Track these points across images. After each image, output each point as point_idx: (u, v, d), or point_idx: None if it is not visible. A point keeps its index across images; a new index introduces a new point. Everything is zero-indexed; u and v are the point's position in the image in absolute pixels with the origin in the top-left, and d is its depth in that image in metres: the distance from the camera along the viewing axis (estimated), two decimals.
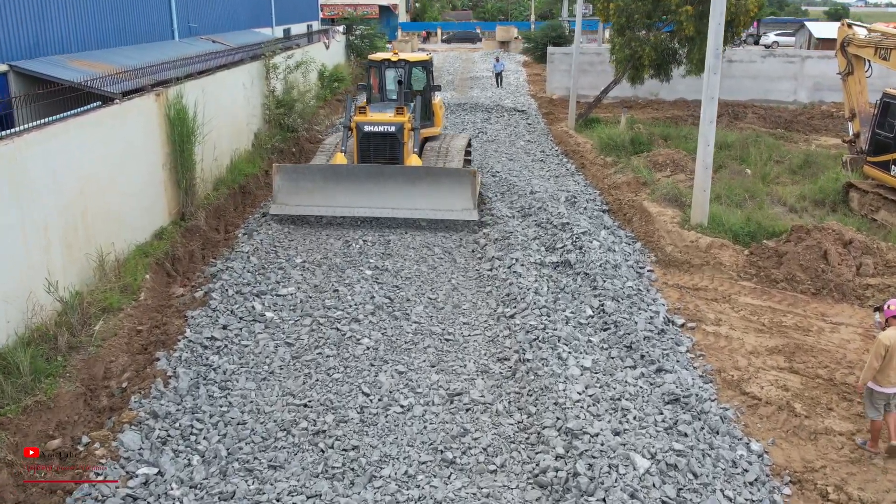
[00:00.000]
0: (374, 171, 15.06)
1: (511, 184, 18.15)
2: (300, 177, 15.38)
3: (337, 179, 15.09)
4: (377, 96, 18.04)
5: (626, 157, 20.65)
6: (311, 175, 15.36)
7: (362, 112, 15.91)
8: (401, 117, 15.72)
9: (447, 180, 14.83)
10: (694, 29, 24.24)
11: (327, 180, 15.14)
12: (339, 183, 15.08)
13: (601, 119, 27.59)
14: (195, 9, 23.53)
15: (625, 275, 12.13)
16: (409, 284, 12.23)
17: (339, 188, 15.06)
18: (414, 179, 14.88)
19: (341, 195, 15.02)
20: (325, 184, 15.15)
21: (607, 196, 17.57)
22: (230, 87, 19.09)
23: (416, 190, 14.79)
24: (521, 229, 14.16)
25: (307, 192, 15.21)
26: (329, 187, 15.11)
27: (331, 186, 15.09)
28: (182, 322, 10.73)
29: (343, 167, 15.46)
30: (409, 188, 14.82)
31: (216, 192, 16.95)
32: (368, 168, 15.23)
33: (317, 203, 15.14)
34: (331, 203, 15.09)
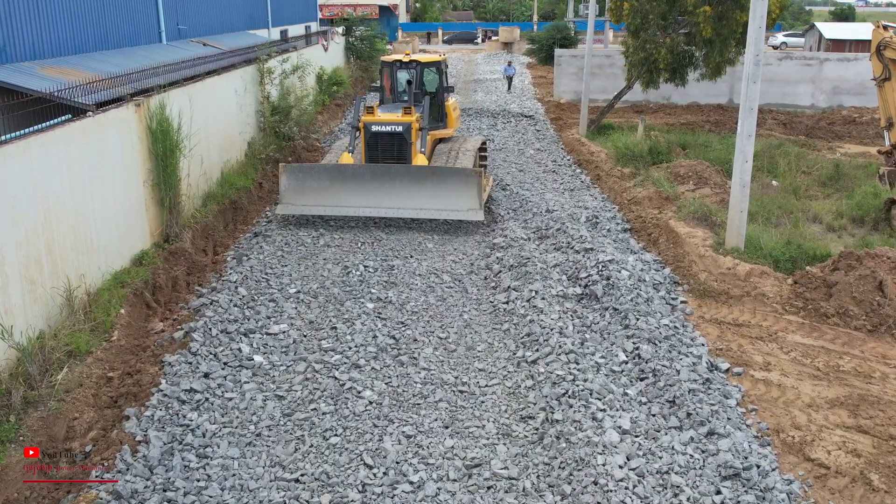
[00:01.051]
0: (380, 170, 14.99)
1: (523, 199, 16.82)
2: (306, 176, 15.38)
3: (343, 179, 15.07)
4: (389, 97, 17.89)
5: (644, 169, 19.34)
6: (317, 175, 15.36)
7: (370, 112, 15.87)
8: (408, 117, 15.61)
9: (453, 180, 14.68)
10: (712, 31, 22.95)
11: (333, 180, 15.13)
12: (344, 182, 15.03)
13: (614, 125, 26.25)
14: (185, 10, 22.16)
15: (658, 310, 10.79)
16: (415, 320, 10.89)
17: (345, 188, 15.01)
18: (420, 179, 14.77)
19: (347, 195, 14.98)
20: (331, 183, 15.12)
21: (627, 213, 16.24)
22: (221, 93, 17.77)
23: (422, 190, 14.69)
24: (539, 254, 12.82)
25: (313, 191, 15.22)
26: (335, 187, 15.08)
27: (336, 186, 15.06)
28: (157, 370, 9.38)
29: (349, 167, 15.42)
30: (415, 188, 14.72)
31: (204, 209, 15.62)
32: (374, 168, 15.14)
33: (323, 203, 15.15)
34: (337, 203, 15.08)
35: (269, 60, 21.23)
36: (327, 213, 15.25)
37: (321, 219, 15.62)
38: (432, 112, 17.18)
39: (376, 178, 14.92)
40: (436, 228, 15.11)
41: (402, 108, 15.86)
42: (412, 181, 14.79)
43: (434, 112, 17.27)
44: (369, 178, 14.96)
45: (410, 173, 14.93)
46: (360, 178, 15.01)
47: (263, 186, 18.78)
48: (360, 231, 14.81)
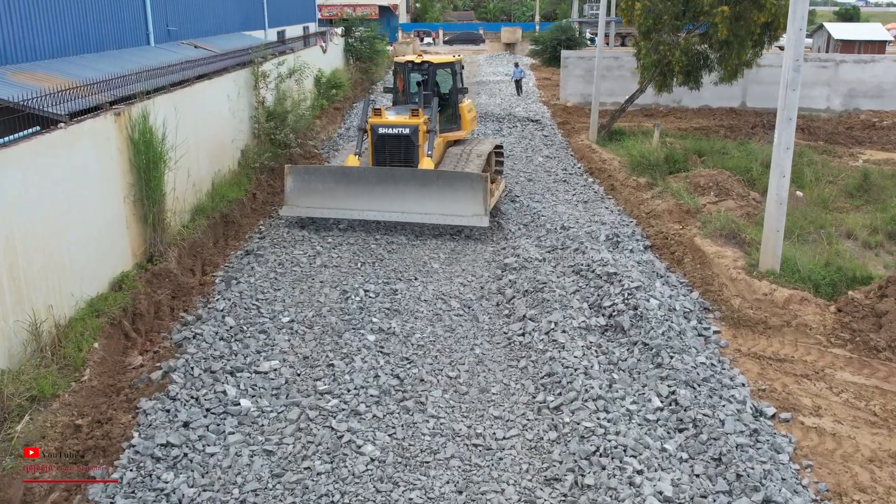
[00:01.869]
0: (385, 173, 14.81)
1: (535, 212, 15.73)
2: (311, 178, 15.20)
3: (348, 182, 14.87)
4: (402, 99, 17.65)
5: (661, 178, 18.24)
6: (322, 177, 15.17)
7: (378, 114, 15.66)
8: (416, 119, 15.38)
9: (459, 185, 14.38)
10: (729, 32, 21.86)
11: (338, 182, 14.94)
12: (349, 185, 14.84)
13: (625, 131, 25.15)
14: (175, 10, 21.04)
15: (692, 344, 9.69)
16: (422, 355, 9.78)
17: (350, 190, 14.81)
18: (425, 183, 14.50)
19: (352, 198, 14.79)
20: (336, 186, 14.92)
21: (646, 227, 15.15)
22: (212, 99, 16.68)
23: (428, 194, 14.44)
24: (557, 278, 11.71)
25: (318, 193, 15.03)
26: (340, 189, 14.87)
27: (342, 188, 14.86)
28: (131, 419, 8.28)
29: (354, 169, 15.20)
30: (421, 192, 14.47)
31: (193, 224, 14.53)
32: (379, 171, 15.00)
33: (328, 205, 14.94)
34: (341, 205, 14.86)
35: (264, 63, 20.14)
36: (332, 215, 14.97)
37: (318, 235, 14.55)
38: (445, 114, 17.07)
39: (381, 181, 14.67)
40: (442, 246, 14.02)
41: (410, 111, 15.59)
42: (417, 185, 14.49)
43: (447, 114, 17.14)
44: (374, 181, 14.72)
45: (416, 177, 14.60)
46: (365, 180, 14.77)
47: (257, 197, 17.69)
48: (361, 249, 13.72)
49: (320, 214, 15.09)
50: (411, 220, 14.54)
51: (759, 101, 30.87)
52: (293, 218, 15.31)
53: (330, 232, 14.69)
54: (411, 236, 14.42)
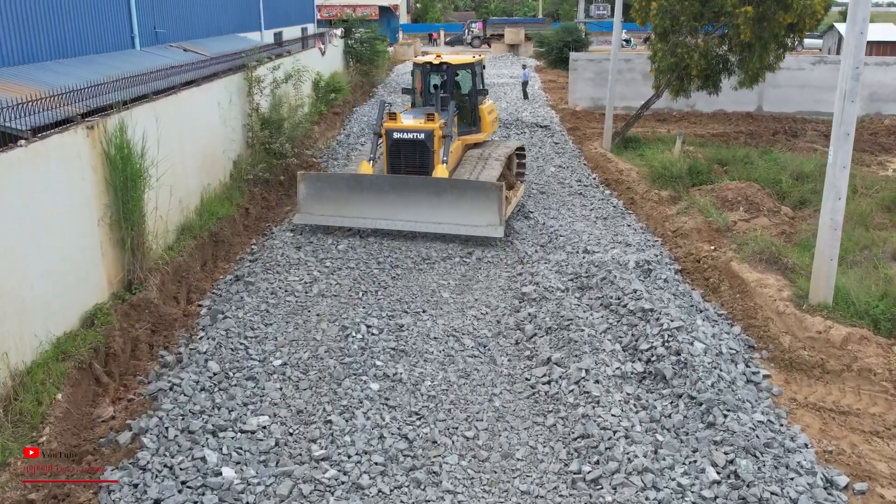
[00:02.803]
0: (399, 181, 14.56)
1: (552, 231, 14.44)
2: (324, 186, 14.94)
3: (361, 189, 14.58)
4: (421, 101, 17.42)
5: (684, 191, 16.96)
6: (335, 184, 14.90)
7: (393, 117, 15.29)
8: (431, 124, 14.97)
9: (473, 194, 14.06)
10: (752, 34, 20.59)
11: (351, 190, 14.63)
12: (362, 193, 14.56)
13: (640, 138, 23.86)
14: (163, 10, 19.72)
15: (746, 397, 8.41)
16: (433, 408, 8.51)
17: (363, 199, 14.56)
18: (439, 191, 14.20)
19: (365, 206, 14.52)
20: (349, 194, 14.64)
21: (673, 247, 13.88)
22: (201, 107, 15.42)
23: (442, 203, 14.13)
24: (583, 313, 10.42)
25: (331, 201, 14.75)
26: (353, 197, 14.61)
27: (354, 196, 14.60)
28: (91, 497, 7.00)
29: (367, 177, 14.87)
30: (434, 201, 14.17)
31: (178, 245, 13.27)
32: (392, 178, 14.75)
33: (340, 213, 14.71)
34: (354, 214, 14.62)
35: (258, 67, 18.87)
36: (344, 223, 14.68)
37: (315, 258, 13.28)
38: (465, 116, 16.74)
39: (395, 189, 14.38)
40: (451, 271, 12.75)
41: (426, 115, 15.16)
42: (431, 194, 14.18)
43: (467, 116, 16.81)
44: (387, 189, 14.42)
45: (429, 186, 14.28)
46: (378, 188, 14.48)
47: (250, 213, 16.42)
48: (362, 275, 12.44)
49: (333, 222, 14.70)
50: (425, 229, 14.16)
51: (775, 106, 29.61)
52: (306, 225, 14.94)
53: (328, 254, 13.42)
54: (417, 259, 13.14)
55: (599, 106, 30.92)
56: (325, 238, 14.27)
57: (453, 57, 17.40)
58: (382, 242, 13.99)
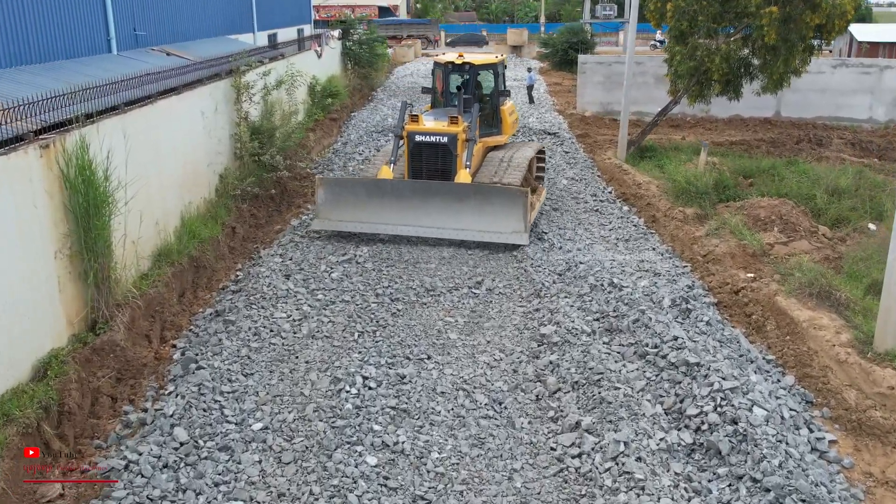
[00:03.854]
0: (420, 187, 14.20)
1: (569, 256, 13.01)
2: (343, 191, 14.52)
3: (381, 195, 14.20)
4: (441, 101, 17.05)
5: (710, 208, 15.54)
6: (354, 189, 14.46)
7: (415, 119, 14.86)
8: (454, 127, 14.56)
9: (498, 200, 13.73)
10: (778, 36, 19.17)
11: (371, 195, 14.26)
12: (383, 198, 14.18)
13: (656, 147, 22.44)
14: (144, 11, 18.24)
15: (820, 477, 6.96)
16: (442, 492, 7.08)
17: (384, 204, 14.16)
18: (462, 197, 13.87)
19: (385, 212, 14.13)
20: (369, 199, 14.26)
21: (705, 275, 12.47)
22: (182, 117, 14.02)
23: (465, 209, 13.83)
24: (615, 364, 8.98)
25: (350, 206, 14.34)
26: (373, 203, 14.23)
27: (375, 202, 14.22)
28: None
29: (388, 182, 14.43)
30: (457, 207, 13.85)
31: (154, 274, 11.86)
32: (413, 184, 14.37)
33: (360, 219, 14.29)
34: (374, 220, 14.21)
35: (248, 72, 17.45)
36: (364, 229, 14.26)
37: (306, 288, 11.86)
38: (485, 117, 16.38)
39: (416, 194, 14.06)
40: (459, 304, 11.33)
41: (449, 117, 14.72)
42: (454, 199, 13.83)
43: (488, 117, 16.45)
44: (409, 194, 14.09)
45: (452, 191, 13.93)
46: (400, 194, 14.12)
47: (237, 233, 15.00)
48: (358, 310, 11.01)
49: (353, 228, 14.28)
50: (447, 236, 13.80)
51: (795, 111, 28.16)
52: (325, 231, 14.52)
53: (321, 284, 12.00)
54: (421, 290, 11.71)
55: (609, 111, 29.55)
56: (316, 264, 12.84)
57: (476, 56, 16.95)
58: (381, 270, 12.57)
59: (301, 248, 13.81)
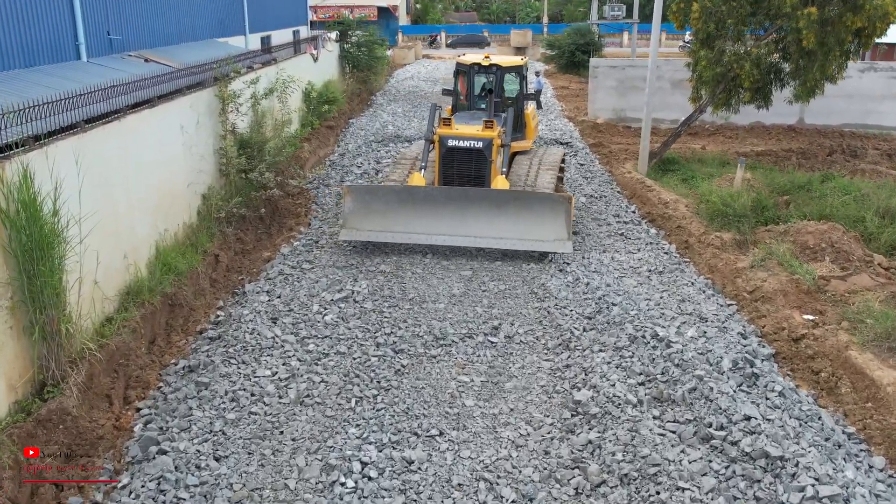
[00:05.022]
0: (457, 194, 13.52)
1: (598, 294, 11.34)
2: (373, 199, 13.81)
3: (414, 203, 13.54)
4: (464, 104, 16.38)
5: (750, 233, 13.92)
6: (385, 197, 13.76)
7: (447, 124, 14.27)
8: (489, 132, 14.05)
9: (538, 207, 13.31)
10: (816, 40, 17.54)
11: (403, 203, 13.58)
12: (416, 206, 13.53)
13: (678, 159, 20.80)
14: (120, 12, 16.55)
15: None
16: None
17: (416, 212, 13.51)
18: (501, 204, 13.35)
19: (418, 220, 13.46)
20: (401, 207, 13.56)
21: (755, 316, 10.84)
22: (157, 133, 12.41)
23: (503, 216, 13.33)
24: (673, 450, 7.30)
25: (380, 215, 13.62)
26: (405, 211, 13.54)
27: (407, 210, 13.54)
28: None
29: (421, 189, 13.79)
30: (495, 214, 13.33)
31: (121, 317, 10.23)
32: (449, 191, 13.65)
33: (391, 228, 13.55)
34: (406, 229, 13.50)
35: (234, 80, 15.82)
36: (396, 239, 13.50)
37: (295, 336, 10.20)
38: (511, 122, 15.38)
39: (452, 201, 13.44)
40: (474, 357, 9.69)
41: (484, 121, 14.24)
42: (493, 207, 13.30)
43: (513, 122, 15.44)
44: (444, 201, 13.43)
45: (491, 198, 13.36)
46: (434, 201, 13.47)
47: (220, 262, 13.36)
48: (357, 365, 9.35)
49: (383, 238, 13.53)
50: (486, 245, 13.27)
51: (820, 118, 26.50)
52: (352, 242, 13.78)
53: (312, 329, 10.35)
54: (429, 338, 10.06)
55: (623, 118, 27.93)
56: (308, 304, 11.19)
57: (502, 58, 16.32)
58: (383, 311, 10.92)
59: (291, 282, 12.16)
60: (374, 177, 19.50)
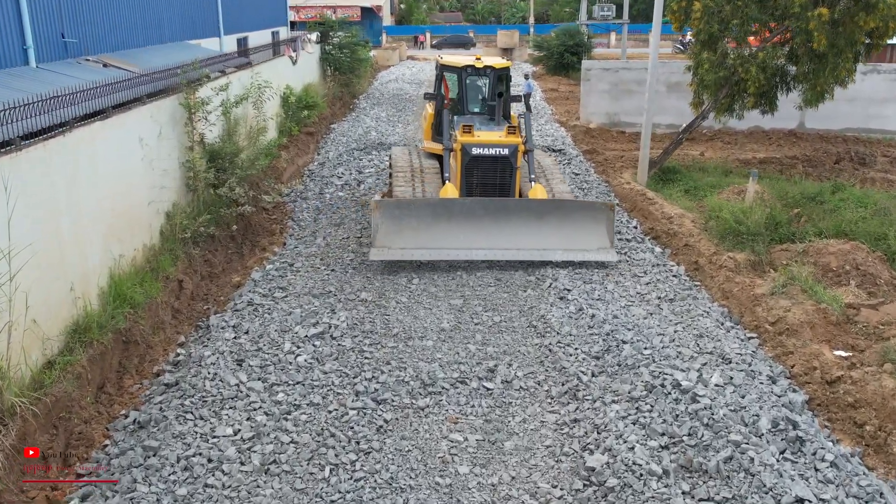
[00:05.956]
0: (496, 205, 13.01)
1: (605, 329, 10.10)
2: (404, 214, 13.04)
3: (449, 216, 13.00)
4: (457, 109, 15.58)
5: (765, 253, 12.79)
6: (418, 212, 13.06)
7: (468, 131, 13.73)
8: (514, 137, 13.73)
9: (580, 215, 13.11)
10: (827, 42, 16.46)
11: (437, 217, 12.99)
12: (451, 220, 12.97)
13: (679, 167, 19.68)
14: (76, 12, 15.16)
15: None
16: None
17: (452, 226, 12.92)
18: (541, 214, 13.03)
19: (454, 234, 12.86)
20: (435, 222, 12.96)
21: (781, 353, 9.68)
22: (111, 148, 11.12)
23: (544, 227, 12.99)
24: None
25: (413, 231, 12.94)
26: (439, 226, 12.94)
27: (441, 225, 12.95)
28: None
29: (455, 202, 13.20)
30: (537, 225, 12.98)
31: (64, 360, 8.95)
32: (487, 202, 13.10)
33: (426, 245, 12.86)
34: (441, 244, 12.84)
35: (202, 87, 14.53)
36: (431, 257, 12.82)
37: (264, 381, 8.91)
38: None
39: (489, 213, 12.94)
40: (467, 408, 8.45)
41: (507, 127, 13.94)
42: (533, 217, 12.96)
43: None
44: (481, 214, 12.94)
45: (531, 208, 13.03)
46: (471, 214, 12.93)
47: (185, 289, 12.09)
48: (332, 421, 8.07)
49: (418, 256, 12.84)
50: (528, 257, 12.77)
51: (821, 122, 25.49)
52: (385, 262, 12.86)
53: (283, 373, 9.07)
54: (416, 385, 8.81)
55: (616, 122, 26.81)
56: (279, 340, 9.93)
57: (494, 60, 15.77)
58: (363, 350, 9.67)
59: (261, 314, 10.88)
60: (355, 188, 18.25)
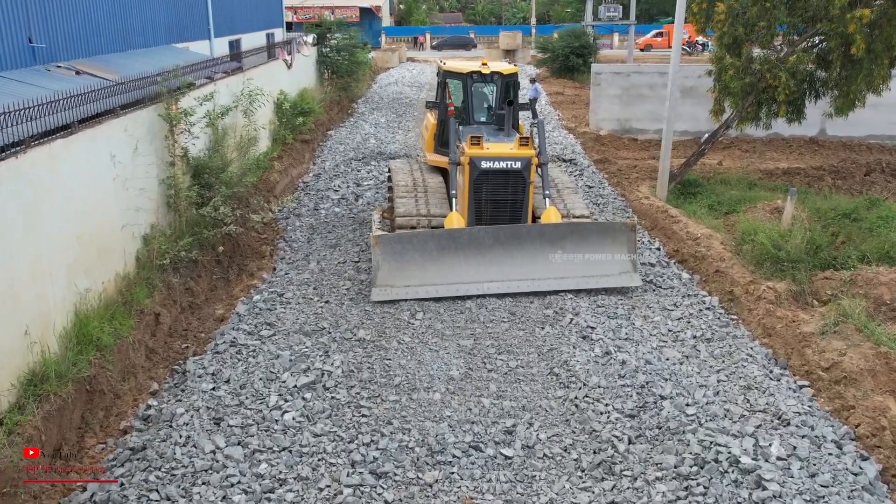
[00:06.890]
0: (506, 233, 12.13)
1: (637, 378, 8.82)
2: (407, 248, 12.00)
3: (456, 248, 12.04)
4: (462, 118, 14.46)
5: (808, 282, 11.52)
6: (421, 244, 12.02)
7: (476, 143, 12.72)
8: (527, 150, 12.80)
9: (598, 238, 12.20)
10: (866, 47, 15.20)
11: (443, 250, 12.00)
12: (457, 252, 12.01)
13: (700, 180, 18.40)
14: (46, 14, 13.82)
15: None
16: None
17: (459, 258, 11.98)
18: (556, 240, 12.15)
19: (462, 267, 11.92)
20: (441, 255, 11.96)
21: (839, 406, 8.43)
22: (76, 168, 9.90)
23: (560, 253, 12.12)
24: None
25: (418, 267, 11.89)
26: (445, 259, 11.95)
27: (448, 258, 11.96)
28: None
29: (464, 232, 12.18)
30: (551, 251, 12.09)
31: (14, 419, 7.71)
32: (496, 230, 12.19)
33: (432, 281, 11.82)
34: (449, 279, 11.84)
35: (184, 96, 13.27)
36: (439, 293, 11.67)
37: (244, 447, 7.63)
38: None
39: (499, 242, 12.04)
40: (486, 475, 7.17)
41: (519, 138, 13.04)
42: (547, 244, 12.08)
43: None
44: (491, 242, 12.04)
45: (544, 234, 12.14)
46: (480, 244, 12.01)
47: (162, 323, 10.83)
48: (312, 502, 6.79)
49: (424, 294, 11.66)
50: (546, 287, 11.80)
51: (842, 129, 24.15)
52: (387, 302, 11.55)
53: (266, 437, 7.78)
54: (422, 454, 7.52)
55: (628, 129, 25.54)
56: (264, 392, 8.64)
57: (501, 66, 14.65)
58: (360, 406, 8.38)
59: (245, 356, 9.60)
60: (353, 203, 16.97)
